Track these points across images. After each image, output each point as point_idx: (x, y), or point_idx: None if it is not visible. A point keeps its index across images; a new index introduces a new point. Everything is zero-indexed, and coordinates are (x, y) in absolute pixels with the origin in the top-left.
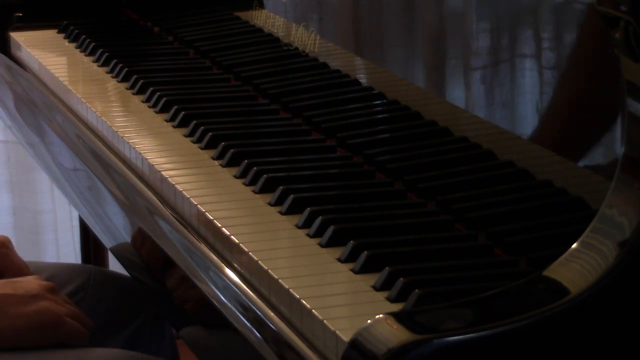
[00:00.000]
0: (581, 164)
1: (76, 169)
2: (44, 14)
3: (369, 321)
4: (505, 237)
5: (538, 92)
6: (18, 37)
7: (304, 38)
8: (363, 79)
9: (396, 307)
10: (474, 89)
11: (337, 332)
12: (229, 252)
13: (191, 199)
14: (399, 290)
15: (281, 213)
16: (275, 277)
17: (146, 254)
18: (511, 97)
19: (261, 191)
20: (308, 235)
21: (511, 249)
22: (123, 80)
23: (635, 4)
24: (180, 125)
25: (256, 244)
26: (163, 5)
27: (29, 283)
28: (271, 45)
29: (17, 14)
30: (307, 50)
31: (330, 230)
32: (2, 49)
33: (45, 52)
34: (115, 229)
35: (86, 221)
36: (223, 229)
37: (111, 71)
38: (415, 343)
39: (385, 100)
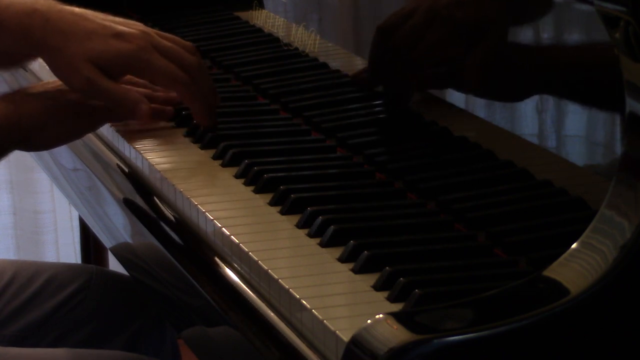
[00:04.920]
0: (581, 164)
1: (76, 169)
2: None
3: (369, 321)
4: (505, 237)
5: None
6: None
7: (304, 38)
8: None
9: (396, 307)
10: None
11: (337, 332)
12: (229, 251)
13: (191, 199)
14: (399, 290)
15: (281, 213)
16: (275, 277)
17: (146, 253)
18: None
19: (261, 191)
20: (308, 235)
21: (511, 249)
22: None
23: (635, 4)
24: (180, 124)
25: (256, 244)
26: (163, 5)
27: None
28: (271, 45)
29: None
30: (307, 50)
31: (330, 230)
32: None
33: None
34: (115, 229)
35: (86, 221)
36: (223, 229)
37: None
38: (416, 343)
39: (385, 100)
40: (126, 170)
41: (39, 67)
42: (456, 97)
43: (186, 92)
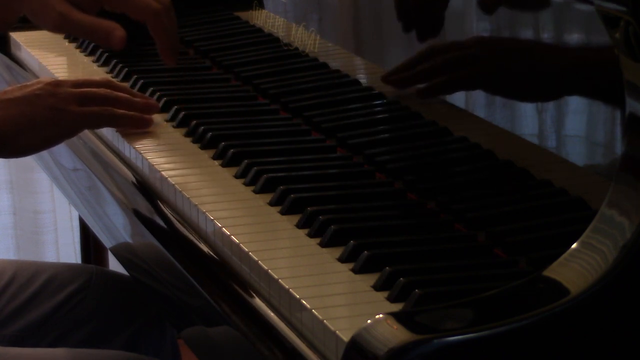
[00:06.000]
0: (581, 164)
1: (76, 169)
2: None
3: (369, 321)
4: (505, 237)
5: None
6: (18, 37)
7: (304, 38)
8: (363, 79)
9: (396, 307)
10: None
11: (337, 332)
12: (229, 251)
13: (191, 199)
14: (399, 290)
15: (281, 213)
16: (275, 277)
17: (146, 254)
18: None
19: (261, 191)
20: (308, 235)
21: (511, 249)
22: (123, 80)
23: (635, 4)
24: (180, 125)
25: (256, 244)
26: None
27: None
28: (271, 45)
29: None
30: (307, 50)
31: (330, 230)
32: (2, 49)
33: (45, 52)
34: (115, 229)
35: (86, 221)
36: (223, 229)
37: (111, 71)
38: (415, 343)
39: (385, 100)
40: (126, 170)
41: (39, 67)
42: (456, 97)
43: (157, 23)
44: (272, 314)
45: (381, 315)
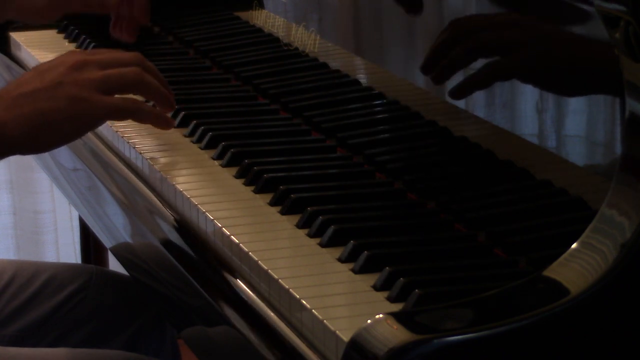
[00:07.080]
0: (581, 164)
1: (76, 169)
2: None
3: (369, 321)
4: (505, 237)
5: (538, 91)
6: (18, 37)
7: (304, 38)
8: (363, 79)
9: (396, 307)
10: None
11: (337, 332)
12: (229, 251)
13: (191, 199)
14: (399, 290)
15: (281, 213)
16: (275, 277)
17: (146, 254)
18: (511, 97)
19: (261, 191)
20: (308, 235)
21: (511, 249)
22: None
23: (635, 4)
24: (181, 125)
25: (256, 244)
26: (163, 5)
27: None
28: (271, 45)
29: None
30: (307, 50)
31: (330, 230)
32: (2, 49)
33: (45, 52)
34: (115, 229)
35: (86, 221)
36: (223, 229)
37: None
38: (415, 343)
39: (385, 100)
40: (126, 170)
41: None
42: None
43: None
44: (272, 314)
45: (381, 315)
